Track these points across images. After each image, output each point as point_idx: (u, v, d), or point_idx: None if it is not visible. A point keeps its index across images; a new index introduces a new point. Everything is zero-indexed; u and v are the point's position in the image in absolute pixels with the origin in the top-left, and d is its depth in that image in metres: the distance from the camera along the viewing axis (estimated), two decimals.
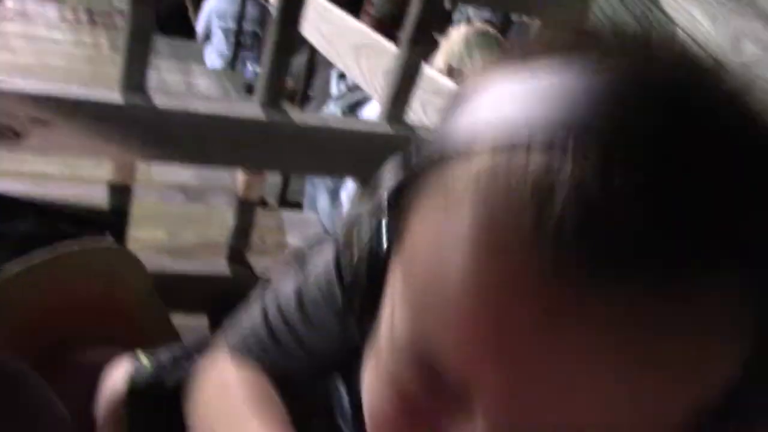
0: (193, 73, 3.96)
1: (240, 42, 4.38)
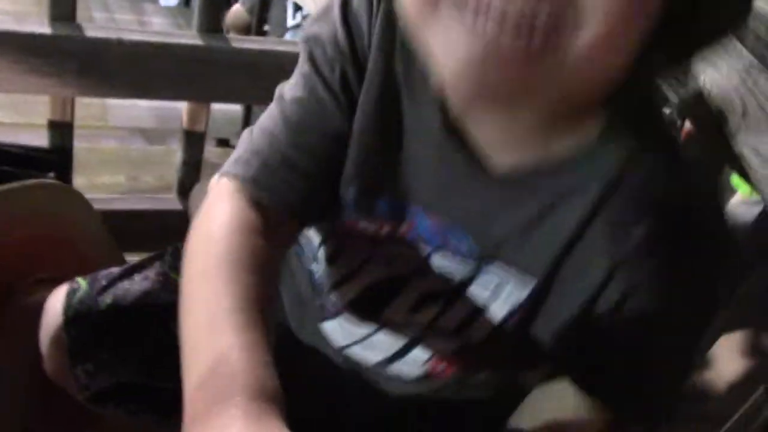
0: (146, 12, 3.84)
1: None
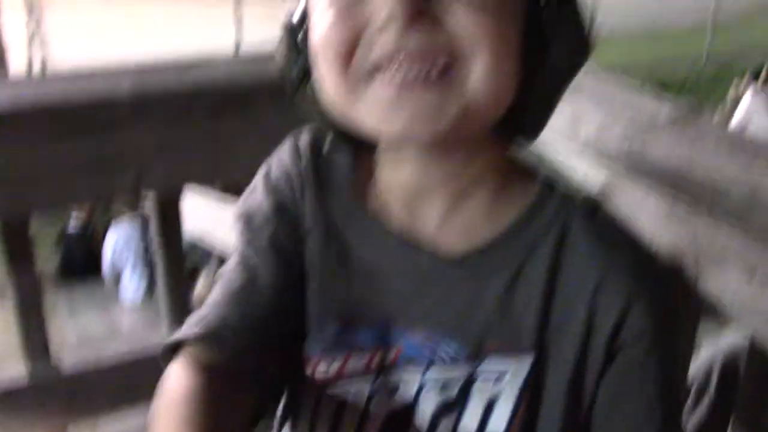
0: (114, 312, 3.90)
1: (152, 266, 4.37)
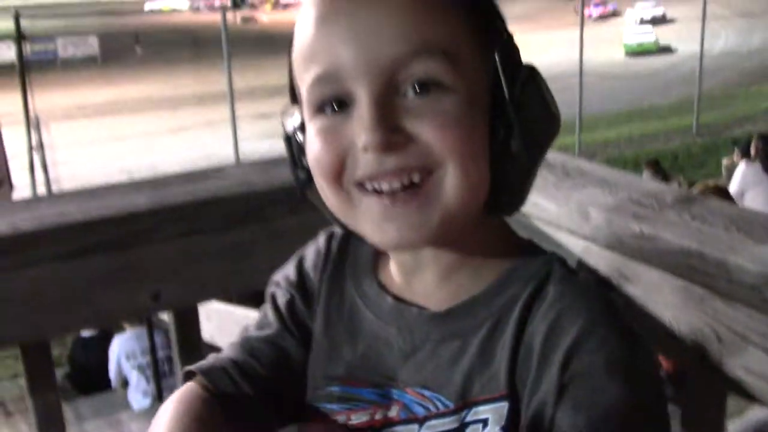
0: (123, 423, 3.84)
1: (159, 372, 4.32)
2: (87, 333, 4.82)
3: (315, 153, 0.70)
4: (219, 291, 1.28)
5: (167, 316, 1.27)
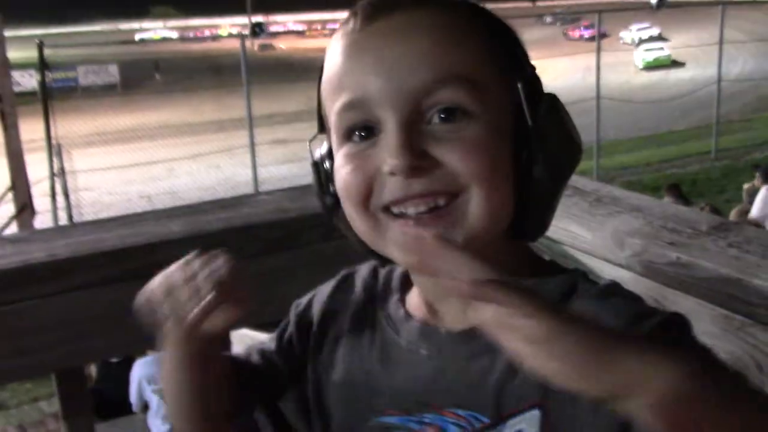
0: None
1: None
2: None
3: (343, 178, 0.72)
4: (254, 317, 1.28)
5: None
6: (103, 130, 14.00)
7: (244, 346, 2.13)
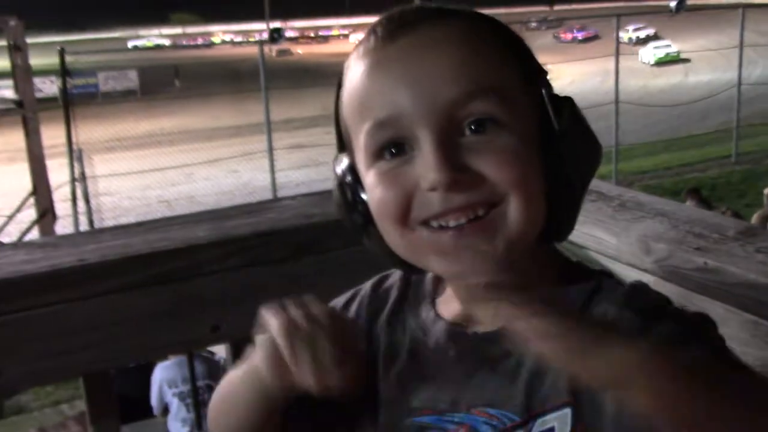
0: None
1: (198, 401, 4.33)
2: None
3: (379, 196, 0.73)
4: None
5: (224, 347, 1.29)
6: (123, 135, 14.12)
7: None
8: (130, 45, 52.56)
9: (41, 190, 9.01)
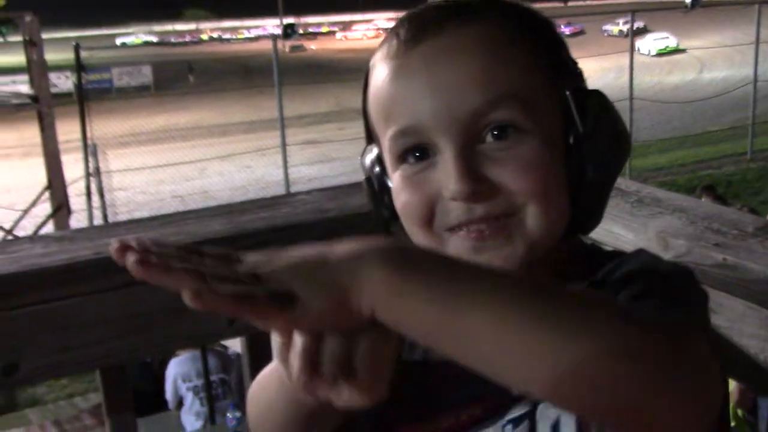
0: None
1: (212, 395, 4.35)
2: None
3: (404, 201, 0.75)
4: None
5: (239, 341, 1.29)
6: (137, 130, 14.20)
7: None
8: (118, 42, 52.36)
9: (56, 184, 9.06)
